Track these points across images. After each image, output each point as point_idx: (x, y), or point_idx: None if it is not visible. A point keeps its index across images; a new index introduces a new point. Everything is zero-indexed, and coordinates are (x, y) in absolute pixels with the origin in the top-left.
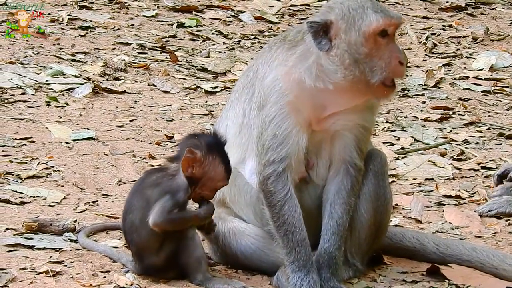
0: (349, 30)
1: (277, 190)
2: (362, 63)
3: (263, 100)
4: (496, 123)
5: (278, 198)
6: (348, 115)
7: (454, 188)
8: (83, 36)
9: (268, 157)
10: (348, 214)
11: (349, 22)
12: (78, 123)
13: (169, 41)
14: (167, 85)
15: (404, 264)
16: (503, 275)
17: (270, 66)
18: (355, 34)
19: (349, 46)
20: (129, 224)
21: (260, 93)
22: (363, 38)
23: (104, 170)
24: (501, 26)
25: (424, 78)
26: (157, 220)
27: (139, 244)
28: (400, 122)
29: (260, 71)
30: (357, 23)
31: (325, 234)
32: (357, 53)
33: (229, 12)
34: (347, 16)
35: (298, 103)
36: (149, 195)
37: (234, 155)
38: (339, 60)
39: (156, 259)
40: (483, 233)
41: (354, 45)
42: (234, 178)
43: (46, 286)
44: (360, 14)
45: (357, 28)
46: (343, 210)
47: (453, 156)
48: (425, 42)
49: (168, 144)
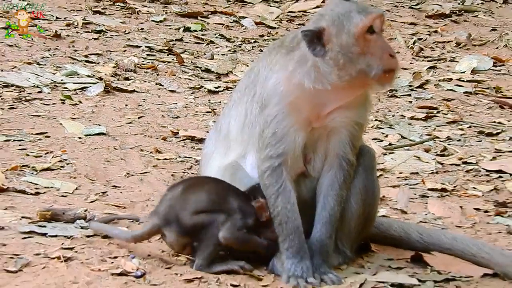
0: (340, 34)
1: (272, 183)
2: (357, 62)
3: (266, 101)
4: (476, 122)
5: (273, 191)
6: (344, 113)
7: (437, 182)
8: (96, 39)
9: (266, 153)
10: (339, 205)
11: (339, 27)
12: (90, 120)
13: (176, 44)
14: (174, 84)
15: (390, 251)
16: (481, 262)
17: (272, 70)
18: (346, 36)
19: (342, 48)
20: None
21: (263, 94)
22: (353, 39)
23: (114, 163)
24: (483, 32)
25: (411, 80)
26: (226, 235)
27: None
28: (388, 120)
29: (261, 74)
30: (346, 26)
31: (317, 223)
32: (350, 53)
33: (232, 18)
34: (336, 22)
35: (299, 104)
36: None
37: (236, 150)
38: (334, 62)
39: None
40: (463, 223)
41: (346, 46)
42: (235, 171)
43: (58, 271)
44: (347, 17)
45: (346, 30)
46: (335, 202)
47: (436, 152)
48: (412, 46)
49: (174, 139)
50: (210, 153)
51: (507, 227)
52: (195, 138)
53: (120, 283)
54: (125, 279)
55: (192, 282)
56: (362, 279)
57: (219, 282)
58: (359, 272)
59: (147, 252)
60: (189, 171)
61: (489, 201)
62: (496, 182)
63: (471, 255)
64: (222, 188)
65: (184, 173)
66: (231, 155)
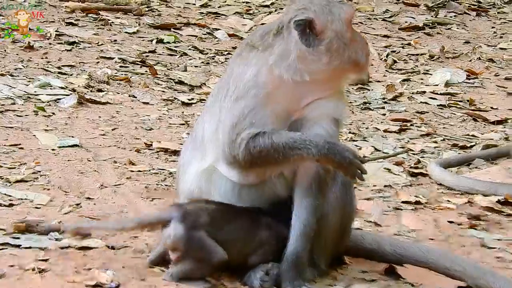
0: (333, 21)
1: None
2: (348, 49)
3: (242, 93)
4: (450, 135)
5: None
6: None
7: (411, 195)
8: (69, 51)
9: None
10: (315, 215)
11: (330, 15)
12: (63, 131)
13: (149, 56)
14: (147, 96)
15: (364, 264)
16: (455, 275)
17: (248, 65)
18: (339, 23)
19: (337, 34)
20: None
21: (239, 87)
22: (345, 25)
23: (87, 175)
24: (456, 45)
25: (385, 92)
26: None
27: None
28: (362, 133)
29: (235, 71)
30: (336, 13)
31: (292, 235)
32: (345, 38)
33: (205, 30)
34: (325, 11)
35: (277, 96)
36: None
37: (212, 152)
38: (327, 51)
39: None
40: (437, 236)
41: (340, 32)
42: (210, 174)
43: (32, 282)
44: (334, 6)
45: (337, 17)
46: (311, 213)
47: (410, 164)
48: (385, 59)
49: (147, 151)
50: (187, 163)
51: (480, 240)
52: (168, 150)
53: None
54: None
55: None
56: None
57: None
58: (332, 284)
59: (121, 264)
60: (162, 183)
61: (463, 214)
62: (469, 195)
63: (444, 267)
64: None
65: (158, 185)
66: (208, 159)
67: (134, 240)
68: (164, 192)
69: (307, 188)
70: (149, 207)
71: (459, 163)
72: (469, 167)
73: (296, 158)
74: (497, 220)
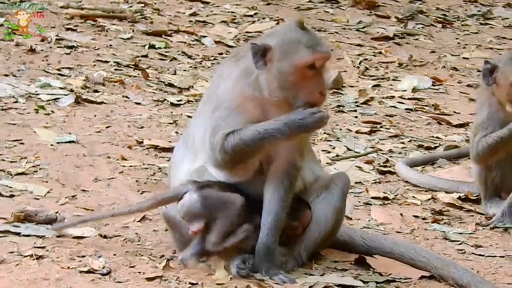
0: (282, 59)
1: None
2: (286, 90)
3: (216, 106)
4: (416, 136)
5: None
6: None
7: (380, 191)
8: (68, 54)
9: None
10: (285, 210)
11: (283, 52)
12: (61, 128)
13: (142, 60)
14: (139, 97)
15: (336, 254)
16: (419, 266)
17: (221, 78)
18: (286, 64)
19: (279, 73)
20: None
21: (214, 99)
22: (292, 69)
23: (83, 169)
24: (423, 54)
25: (357, 97)
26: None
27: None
28: (335, 134)
29: (215, 82)
30: (290, 55)
31: (263, 228)
32: (285, 80)
33: (193, 37)
34: (283, 47)
35: (246, 108)
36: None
37: (202, 156)
38: (268, 81)
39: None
40: (403, 229)
41: (283, 73)
42: (202, 174)
43: (30, 268)
44: (294, 47)
45: (288, 59)
46: (280, 207)
47: (379, 163)
48: (358, 66)
49: (138, 148)
50: (179, 162)
51: (443, 234)
52: (158, 147)
53: (87, 280)
54: (92, 277)
55: (153, 280)
56: (312, 280)
57: (179, 281)
58: (307, 273)
59: (113, 252)
60: (152, 177)
61: (427, 209)
62: (433, 192)
63: (410, 258)
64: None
65: (148, 179)
66: (199, 161)
67: (125, 230)
68: (154, 186)
69: (279, 184)
70: (139, 199)
71: (424, 162)
72: (433, 166)
73: (268, 146)
74: (458, 215)
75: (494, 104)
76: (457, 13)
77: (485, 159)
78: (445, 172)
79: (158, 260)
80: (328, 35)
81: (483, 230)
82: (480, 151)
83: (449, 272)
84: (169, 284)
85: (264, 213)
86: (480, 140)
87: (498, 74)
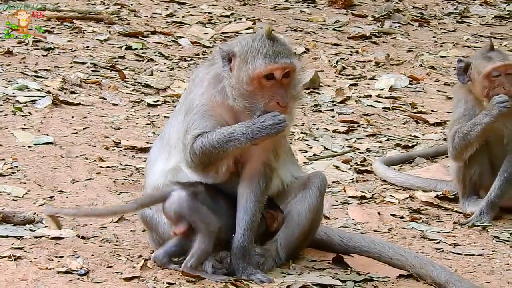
0: (241, 68)
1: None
2: (244, 99)
3: (189, 110)
4: (393, 135)
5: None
6: None
7: (357, 190)
8: (45, 56)
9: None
10: (260, 210)
11: (243, 61)
12: (39, 130)
13: (118, 61)
14: (116, 98)
15: (314, 253)
16: (397, 264)
17: (194, 83)
18: (244, 73)
19: (238, 81)
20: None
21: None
22: (248, 78)
23: (61, 170)
24: (400, 53)
25: (334, 96)
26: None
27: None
28: (312, 133)
29: (189, 87)
30: (248, 64)
31: (240, 229)
32: (243, 89)
33: (170, 38)
34: (244, 56)
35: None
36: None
37: (177, 155)
38: (231, 90)
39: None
40: (381, 228)
41: (241, 82)
42: (177, 173)
43: (8, 269)
44: (253, 57)
45: (246, 69)
46: (257, 208)
47: (357, 162)
48: (335, 65)
49: (116, 149)
50: (154, 159)
51: (421, 232)
52: (135, 148)
53: (65, 280)
54: (70, 277)
55: (131, 280)
56: (290, 280)
57: (156, 281)
58: (285, 272)
59: (90, 252)
60: (129, 178)
61: (405, 208)
62: (411, 191)
63: (387, 257)
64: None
65: (125, 180)
66: (173, 160)
67: (103, 230)
68: (131, 186)
69: (255, 185)
70: (117, 200)
71: (401, 161)
72: (410, 165)
73: (234, 149)
74: (436, 214)
75: (471, 101)
76: (433, 12)
77: (461, 151)
78: (422, 171)
79: (136, 260)
80: (304, 35)
81: (461, 229)
82: (457, 144)
83: (427, 271)
84: (147, 284)
85: (240, 214)
86: (455, 133)
87: (471, 71)
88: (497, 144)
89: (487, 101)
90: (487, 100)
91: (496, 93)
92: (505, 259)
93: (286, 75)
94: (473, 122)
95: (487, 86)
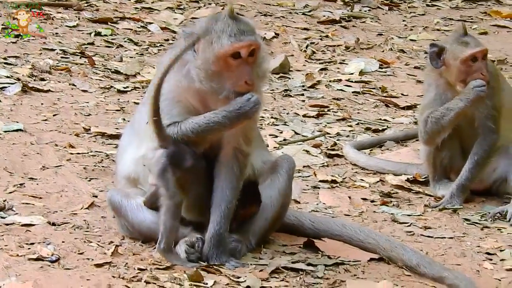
0: (206, 49)
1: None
2: (211, 80)
3: None
4: (364, 119)
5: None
6: None
7: (328, 174)
8: (14, 43)
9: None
10: (236, 197)
11: (208, 42)
12: (9, 117)
13: (88, 47)
14: (86, 85)
15: (285, 238)
16: (368, 248)
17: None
18: (209, 53)
19: (204, 62)
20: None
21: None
22: (214, 58)
23: (31, 157)
24: (370, 37)
25: (304, 80)
26: None
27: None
28: (282, 118)
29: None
30: (213, 44)
31: (215, 216)
32: (209, 70)
33: (139, 24)
34: (209, 36)
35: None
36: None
37: (148, 143)
38: (197, 72)
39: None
40: (352, 212)
41: (207, 62)
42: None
43: None
44: (217, 36)
45: (211, 49)
46: (233, 195)
47: (327, 146)
48: (305, 50)
49: (86, 135)
50: (125, 146)
51: (391, 216)
52: (105, 134)
53: (36, 267)
54: (41, 264)
55: (102, 267)
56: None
57: (127, 266)
58: (256, 257)
59: (61, 239)
60: (99, 164)
61: (375, 191)
62: (381, 174)
63: (358, 241)
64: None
65: (95, 166)
66: (143, 148)
67: (74, 217)
68: (101, 172)
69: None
70: (87, 187)
71: (372, 145)
72: (381, 149)
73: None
74: (406, 197)
75: (442, 85)
76: None
77: (434, 136)
78: (393, 155)
79: (107, 246)
80: (274, 20)
81: (432, 212)
82: (429, 128)
83: (398, 254)
84: (118, 270)
85: (215, 201)
86: (427, 117)
87: (446, 55)
88: (468, 127)
89: (462, 86)
90: (462, 85)
91: (474, 78)
92: (476, 241)
93: (252, 53)
94: (446, 107)
95: (463, 71)
